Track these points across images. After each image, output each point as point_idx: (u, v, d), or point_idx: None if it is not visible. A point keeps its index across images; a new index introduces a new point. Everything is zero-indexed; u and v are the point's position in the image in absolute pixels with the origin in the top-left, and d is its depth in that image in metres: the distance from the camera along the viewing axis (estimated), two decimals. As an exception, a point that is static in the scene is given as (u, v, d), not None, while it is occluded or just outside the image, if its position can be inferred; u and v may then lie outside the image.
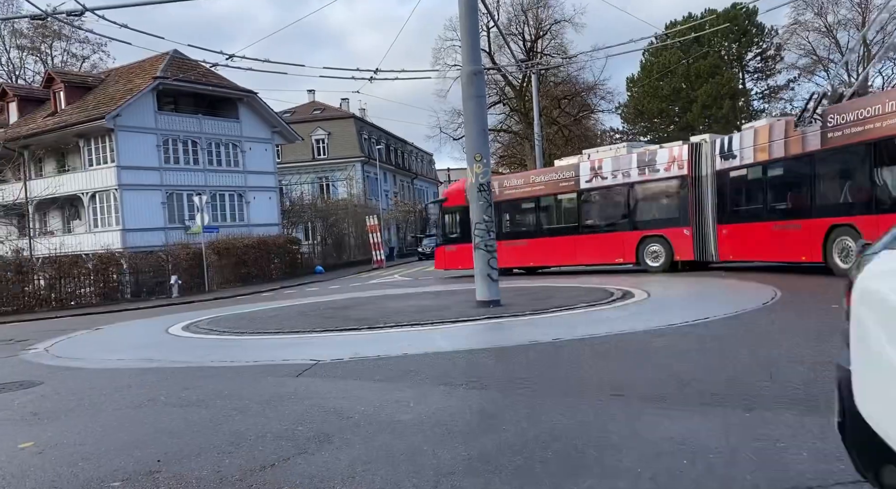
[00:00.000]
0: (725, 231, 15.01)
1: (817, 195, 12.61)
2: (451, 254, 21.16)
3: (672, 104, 51.47)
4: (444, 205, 21.82)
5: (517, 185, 19.98)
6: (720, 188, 15.06)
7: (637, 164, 16.65)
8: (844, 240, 11.68)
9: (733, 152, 14.66)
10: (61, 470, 3.89)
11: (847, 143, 11.64)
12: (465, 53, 11.21)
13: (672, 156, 16.01)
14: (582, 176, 17.95)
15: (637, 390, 4.77)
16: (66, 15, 12.38)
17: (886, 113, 10.80)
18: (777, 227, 13.47)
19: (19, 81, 38.85)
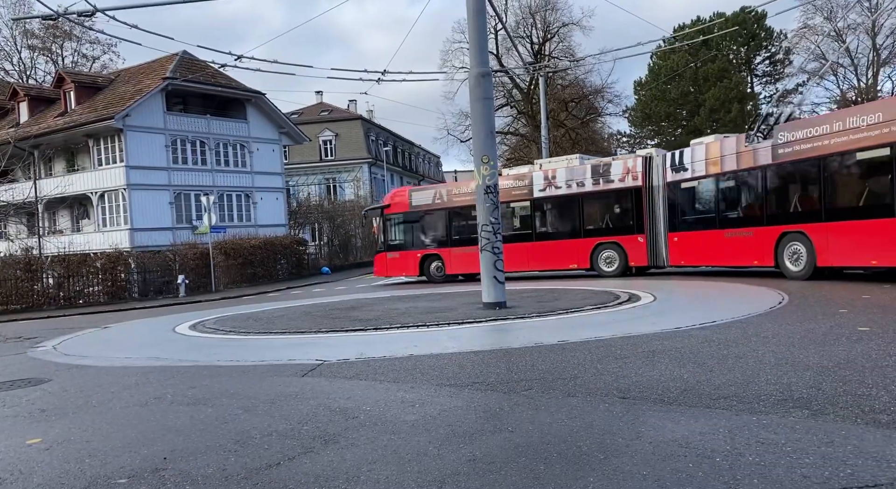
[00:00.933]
0: (676, 238, 16.08)
1: (768, 205, 13.76)
2: (393, 261, 21.32)
3: (680, 108, 51.35)
4: (385, 211, 21.53)
5: (468, 192, 19.43)
6: (671, 199, 16.16)
7: (591, 175, 17.63)
8: (794, 245, 12.94)
9: (684, 165, 15.78)
10: (68, 466, 3.92)
11: (798, 159, 12.81)
12: (472, 55, 11.23)
13: (626, 167, 17.02)
14: (535, 185, 18.48)
15: (642, 393, 4.76)
16: (77, 15, 12.47)
17: (834, 132, 12.06)
18: (729, 235, 14.54)
19: (30, 81, 39.15)
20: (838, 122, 12.06)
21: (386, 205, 21.78)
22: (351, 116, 51.44)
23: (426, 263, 20.81)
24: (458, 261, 20.11)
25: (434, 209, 20.68)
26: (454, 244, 20.22)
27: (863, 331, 6.71)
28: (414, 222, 21.15)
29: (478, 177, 10.87)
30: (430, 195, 20.96)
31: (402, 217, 21.25)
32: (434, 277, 20.67)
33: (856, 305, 8.91)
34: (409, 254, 21.04)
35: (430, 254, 20.80)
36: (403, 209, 21.08)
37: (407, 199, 21.23)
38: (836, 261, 12.30)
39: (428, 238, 21.04)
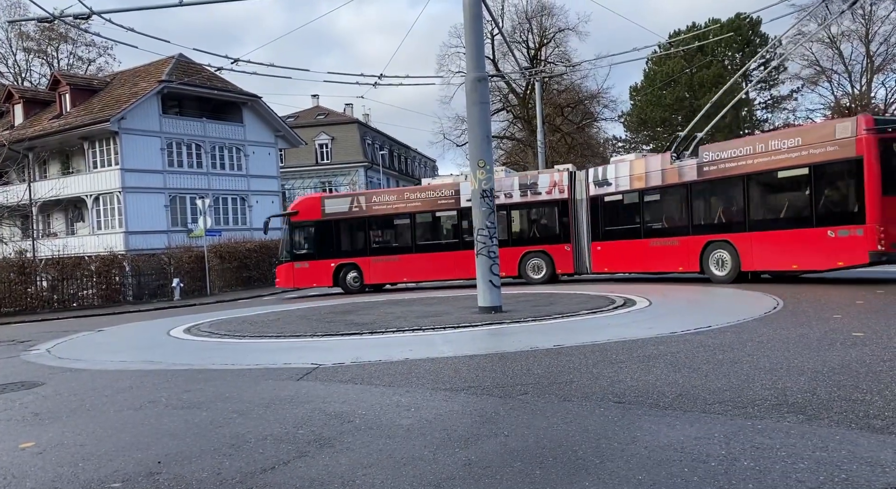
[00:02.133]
0: (599, 247, 17.32)
1: (694, 216, 15.09)
2: (302, 271, 20.22)
3: (675, 113, 51.55)
4: (293, 219, 20.43)
5: (390, 200, 19.64)
6: (594, 211, 17.40)
7: (519, 187, 18.49)
8: (719, 252, 14.41)
9: (608, 180, 17.09)
10: (62, 470, 3.89)
11: (724, 176, 14.29)
12: (469, 60, 11.25)
13: (553, 181, 18.14)
14: (463, 195, 18.45)
15: (638, 397, 4.76)
16: (73, 18, 12.45)
17: (757, 153, 13.62)
18: (655, 244, 15.88)
19: (25, 84, 39.06)
20: (761, 145, 13.66)
21: (294, 212, 20.54)
22: (347, 120, 51.48)
23: (341, 273, 20.00)
24: (377, 271, 19.75)
25: (351, 217, 19.94)
26: (374, 253, 19.80)
27: (857, 337, 6.73)
28: (327, 231, 20.10)
29: (474, 181, 10.89)
30: (347, 202, 20.11)
31: (314, 225, 20.16)
32: (350, 288, 19.95)
33: (850, 310, 8.95)
34: (322, 263, 20.08)
35: (347, 264, 20.00)
36: (315, 216, 20.07)
37: (319, 205, 20.22)
38: (760, 266, 13.96)
39: (344, 247, 20.19)
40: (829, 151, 12.45)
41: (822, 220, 12.64)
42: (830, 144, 12.42)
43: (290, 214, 20.63)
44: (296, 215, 20.37)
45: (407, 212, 19.46)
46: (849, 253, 12.19)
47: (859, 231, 11.98)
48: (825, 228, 12.55)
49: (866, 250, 11.91)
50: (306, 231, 20.46)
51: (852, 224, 12.15)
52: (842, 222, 12.37)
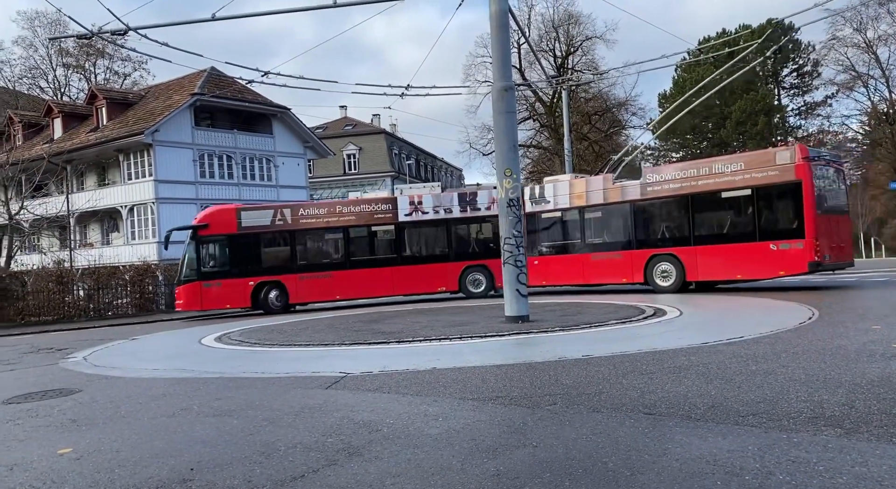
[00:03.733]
0: (536, 262, 17.73)
1: (638, 232, 16.19)
2: (212, 291, 18.41)
3: (705, 120, 50.90)
4: (202, 233, 18.47)
5: (320, 214, 18.82)
6: (531, 227, 17.95)
7: (458, 202, 18.77)
8: (663, 264, 15.55)
9: (545, 198, 17.91)
10: (98, 476, 3.98)
11: (669, 195, 15.54)
12: (495, 70, 11.29)
13: (491, 197, 18.54)
14: (401, 209, 18.73)
15: (669, 408, 4.69)
16: (110, 34, 12.83)
17: (701, 175, 14.99)
18: (596, 257, 16.75)
19: (64, 98, 40.28)
20: (706, 168, 15.12)
21: (202, 224, 18.55)
22: (374, 130, 51.93)
23: (262, 292, 18.56)
24: (305, 289, 18.72)
25: (274, 231, 18.76)
26: (301, 270, 18.67)
27: (897, 348, 6.55)
28: (244, 246, 18.56)
29: (500, 190, 10.88)
30: (269, 215, 18.69)
31: (227, 239, 18.48)
32: (272, 307, 18.56)
33: (890, 321, 8.70)
34: (237, 282, 18.37)
35: (268, 282, 18.56)
36: (228, 230, 18.40)
37: (234, 218, 18.54)
38: (704, 276, 15.22)
39: (264, 263, 18.81)
40: (770, 175, 13.99)
41: (764, 235, 14.17)
42: (771, 169, 13.98)
43: (197, 228, 18.53)
44: (205, 229, 18.45)
45: (340, 226, 18.77)
46: (790, 263, 13.82)
47: (799, 244, 13.62)
48: (768, 242, 14.08)
49: (806, 261, 13.60)
50: (218, 246, 18.77)
51: (793, 238, 13.75)
52: (783, 237, 13.94)
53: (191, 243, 18.57)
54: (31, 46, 39.22)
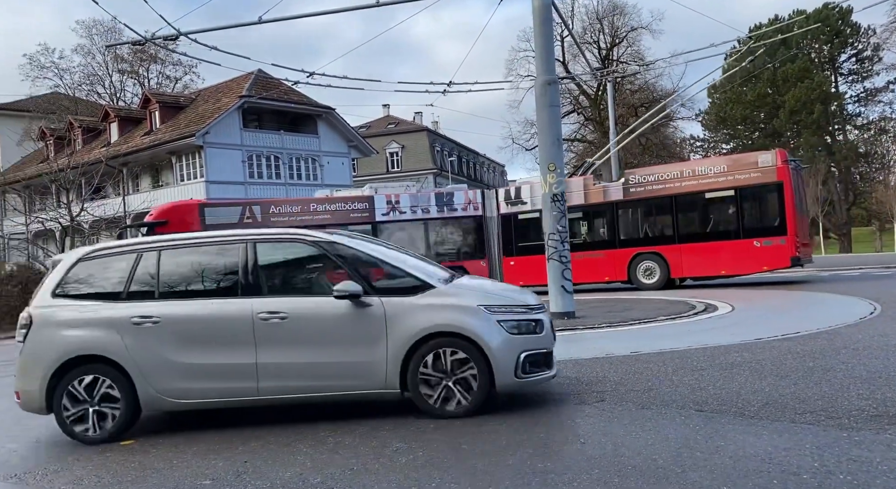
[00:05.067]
0: (512, 262, 17.88)
1: (621, 232, 16.61)
2: None
3: (757, 110, 49.34)
4: (161, 230, 15.78)
5: (293, 211, 17.87)
6: (506, 228, 18.09)
7: (436, 203, 18.33)
8: (647, 263, 16.02)
9: (522, 199, 17.95)
10: (158, 466, 4.14)
11: (652, 196, 16.05)
12: (538, 63, 11.19)
13: (468, 198, 18.49)
14: (378, 208, 18.12)
15: (721, 405, 4.59)
16: (162, 40, 13.25)
17: (685, 177, 15.61)
18: (579, 257, 16.03)
19: (119, 103, 41.76)
20: (689, 170, 15.84)
21: (160, 222, 16.45)
22: (417, 128, 52.16)
23: None
24: None
25: None
26: None
27: (966, 344, 6.23)
28: None
29: (544, 185, 10.79)
30: (237, 213, 17.33)
31: None
32: None
33: (958, 316, 8.28)
34: None
35: None
36: (191, 228, 16.27)
37: (197, 214, 16.84)
38: (689, 273, 15.71)
39: None
40: (752, 177, 14.75)
41: (747, 233, 14.90)
42: (754, 171, 14.77)
43: (154, 225, 16.48)
44: (164, 226, 16.20)
45: (315, 225, 17.06)
46: (773, 259, 14.62)
47: (782, 241, 14.43)
48: (751, 240, 14.79)
49: (788, 256, 14.43)
50: None
51: (775, 235, 14.51)
52: (766, 234, 14.69)
53: None
54: (88, 54, 40.83)
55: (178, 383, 4.80)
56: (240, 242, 5.03)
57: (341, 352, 4.74)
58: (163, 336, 4.81)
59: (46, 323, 4.91)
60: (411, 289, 4.87)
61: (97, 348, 4.82)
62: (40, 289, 5.09)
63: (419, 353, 4.68)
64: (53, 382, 4.78)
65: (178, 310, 4.89)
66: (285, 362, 4.76)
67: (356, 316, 4.75)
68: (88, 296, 5.05)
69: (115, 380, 4.78)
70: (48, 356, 4.80)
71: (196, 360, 4.79)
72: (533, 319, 4.89)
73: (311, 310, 4.84)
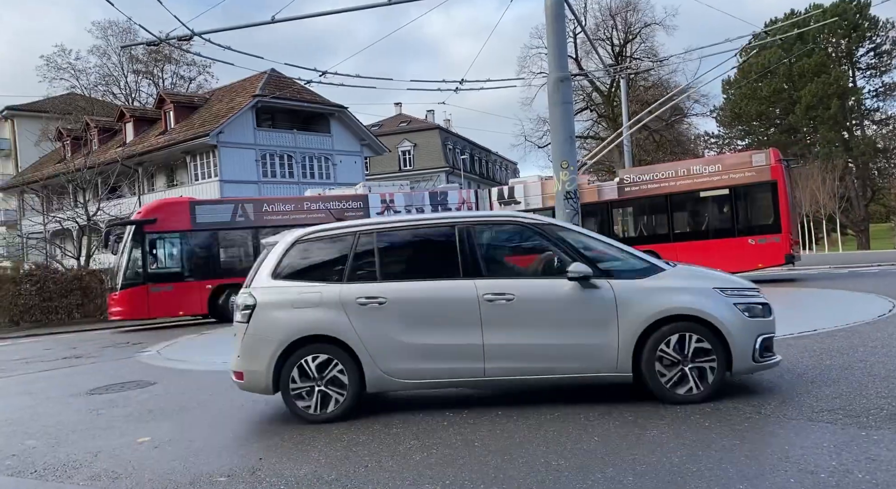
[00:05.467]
0: None
1: (615, 230, 16.68)
2: (162, 296, 15.94)
3: (773, 106, 48.81)
4: (148, 228, 15.96)
5: (286, 210, 17.27)
6: None
7: (430, 201, 18.16)
8: None
9: (515, 198, 17.96)
10: (174, 464, 4.17)
11: (646, 195, 16.21)
12: (551, 60, 11.13)
13: (462, 197, 18.53)
14: (372, 207, 17.72)
15: (736, 404, 4.54)
16: (177, 40, 13.35)
17: (679, 176, 15.75)
18: None
19: (135, 103, 42.14)
20: (683, 169, 15.87)
21: (149, 220, 16.05)
22: (429, 126, 52.18)
23: (222, 296, 16.12)
24: None
25: (236, 228, 16.74)
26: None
27: None
28: (201, 244, 16.52)
29: (557, 183, 10.73)
30: (228, 210, 16.75)
31: (181, 237, 16.28)
32: (230, 315, 17.14)
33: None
34: (192, 285, 16.19)
35: (229, 285, 15.89)
36: (181, 226, 16.18)
37: (188, 213, 16.33)
38: None
39: (223, 264, 16.69)
40: (747, 176, 14.96)
41: (742, 231, 15.15)
42: (748, 170, 14.99)
43: (142, 223, 16.05)
44: (152, 224, 16.01)
45: (308, 224, 18.00)
46: (769, 256, 14.80)
47: (776, 238, 14.66)
48: (746, 237, 14.95)
49: (783, 254, 14.64)
50: (169, 245, 16.46)
51: (770, 233, 14.76)
52: (761, 232, 14.92)
53: (134, 241, 16.00)
54: (104, 55, 41.24)
55: (405, 363, 4.80)
56: (455, 225, 5.05)
57: (569, 334, 4.70)
58: (389, 316, 4.83)
59: (271, 304, 4.94)
60: (640, 271, 4.84)
61: (325, 328, 4.86)
62: (258, 272, 5.13)
63: (654, 337, 4.61)
64: (280, 362, 4.83)
65: (402, 290, 4.90)
66: (512, 343, 4.73)
67: (584, 298, 4.70)
68: (308, 277, 5.09)
69: (344, 363, 4.81)
70: (276, 336, 4.85)
71: (423, 341, 4.79)
72: (761, 302, 4.80)
73: (538, 292, 4.83)
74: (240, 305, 5.05)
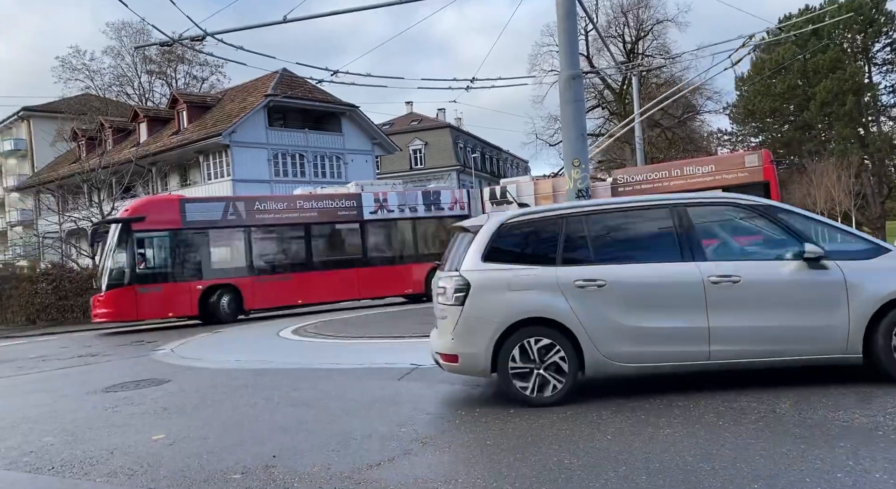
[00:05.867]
0: None
1: None
2: (150, 297, 15.11)
3: (787, 102, 48.30)
4: (136, 227, 15.18)
5: (279, 208, 16.71)
6: None
7: (423, 201, 18.02)
8: None
9: (507, 199, 17.60)
10: (189, 461, 4.21)
11: None
12: (562, 58, 11.09)
13: (454, 197, 18.38)
14: (366, 207, 17.41)
15: (751, 403, 4.52)
16: (189, 40, 13.44)
17: (672, 176, 15.60)
18: None
19: (148, 103, 42.49)
20: (676, 170, 15.85)
21: (137, 217, 15.30)
22: (440, 125, 52.21)
23: (213, 297, 15.64)
24: (264, 293, 16.23)
25: (227, 227, 16.06)
26: (260, 272, 16.34)
27: None
28: (190, 244, 15.79)
29: (569, 181, 10.71)
30: (219, 209, 16.09)
31: (170, 236, 15.47)
32: (223, 315, 15.67)
33: None
34: (182, 286, 15.46)
35: (219, 286, 15.68)
36: (171, 225, 15.42)
37: (178, 210, 15.63)
38: None
39: (215, 264, 16.11)
40: (740, 176, 15.08)
41: None
42: (741, 171, 15.19)
43: (129, 221, 15.29)
44: (140, 222, 15.23)
45: (302, 223, 16.84)
46: None
47: None
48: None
49: None
50: (158, 244, 15.59)
51: None
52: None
53: (121, 240, 15.22)
54: (118, 55, 41.63)
55: (627, 347, 4.77)
56: (669, 207, 5.07)
57: (797, 316, 4.66)
58: (609, 299, 4.80)
59: (486, 286, 4.93)
60: (866, 251, 4.82)
61: (545, 311, 4.84)
62: (464, 256, 5.11)
63: (889, 319, 4.57)
64: (499, 344, 4.83)
65: (622, 273, 4.89)
66: (739, 326, 4.71)
67: (813, 279, 4.68)
68: (519, 260, 5.09)
69: (564, 347, 4.79)
70: (496, 318, 4.84)
71: (646, 324, 4.76)
72: None
73: (764, 273, 4.79)
74: (449, 288, 5.03)
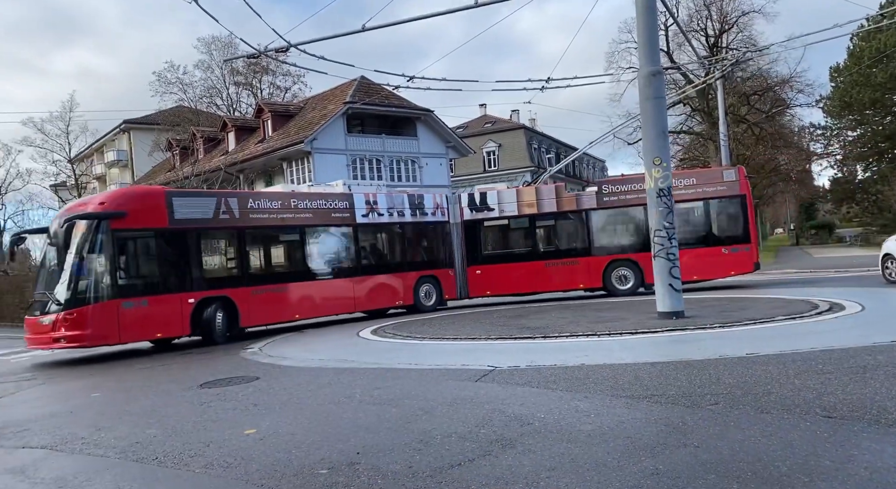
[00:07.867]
0: (479, 271, 17.56)
1: (595, 239, 16.91)
2: (135, 313, 11.69)
3: (889, 92, 45.01)
4: (115, 225, 11.58)
5: (273, 207, 14.23)
6: (470, 235, 17.65)
7: (409, 205, 17.19)
8: (622, 270, 16.57)
9: (488, 205, 17.57)
10: (279, 455, 4.40)
11: (625, 204, 16.61)
12: (641, 54, 10.84)
13: (436, 202, 17.69)
14: (358, 209, 15.83)
15: (852, 412, 4.26)
16: (274, 52, 14.03)
17: None
18: (551, 264, 17.06)
19: (236, 113, 44.56)
20: None
21: (117, 213, 11.72)
22: (513, 126, 51.95)
23: (204, 313, 12.62)
24: (258, 308, 13.49)
25: (219, 228, 13.28)
26: (252, 282, 13.58)
27: None
28: (179, 246, 12.64)
29: (649, 179, 10.45)
30: (210, 205, 13.12)
31: (155, 237, 12.34)
32: (216, 335, 12.75)
33: None
34: (169, 299, 12.25)
35: (213, 299, 12.79)
36: (156, 223, 12.23)
37: (164, 206, 12.38)
38: None
39: (208, 272, 13.19)
40: (719, 190, 16.10)
41: (716, 241, 16.25)
42: (720, 185, 16.11)
43: (108, 217, 11.64)
44: (120, 219, 11.72)
45: (297, 225, 14.64)
46: (740, 265, 16.10)
47: (746, 248, 15.97)
48: (720, 247, 16.13)
49: (752, 262, 15.98)
50: (142, 247, 12.43)
51: (741, 243, 16.01)
52: (733, 242, 16.11)
53: (97, 241, 11.59)
54: (208, 68, 43.87)
55: None
56: None
57: None
58: None
59: None
60: None
61: None
62: None
63: None
64: None
65: None
66: None
67: None
68: None
69: None
70: None
71: None
72: None
73: None
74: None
